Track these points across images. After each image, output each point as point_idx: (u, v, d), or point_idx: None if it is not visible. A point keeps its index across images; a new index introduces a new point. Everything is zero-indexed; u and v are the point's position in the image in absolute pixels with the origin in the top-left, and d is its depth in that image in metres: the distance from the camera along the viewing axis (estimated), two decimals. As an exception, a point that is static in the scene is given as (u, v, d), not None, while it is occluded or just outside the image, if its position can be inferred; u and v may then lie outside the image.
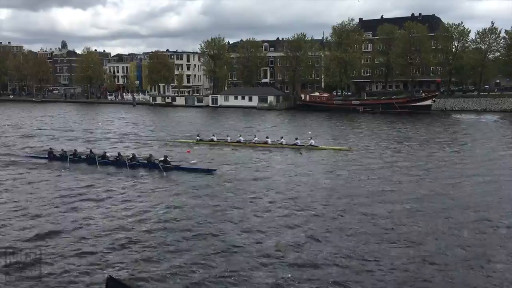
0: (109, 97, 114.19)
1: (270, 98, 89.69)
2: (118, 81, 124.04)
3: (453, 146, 37.39)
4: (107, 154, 30.03)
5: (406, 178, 25.10)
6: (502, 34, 79.89)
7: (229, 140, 38.33)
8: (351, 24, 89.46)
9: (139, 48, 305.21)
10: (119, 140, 42.37)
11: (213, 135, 39.91)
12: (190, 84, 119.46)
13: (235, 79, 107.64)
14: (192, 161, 29.30)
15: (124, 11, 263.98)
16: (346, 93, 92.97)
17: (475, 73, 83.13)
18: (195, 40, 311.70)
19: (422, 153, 33.94)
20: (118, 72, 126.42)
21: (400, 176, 25.60)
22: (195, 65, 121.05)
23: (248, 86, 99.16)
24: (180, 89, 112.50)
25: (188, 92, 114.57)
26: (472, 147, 37.15)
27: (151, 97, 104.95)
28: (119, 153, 29.80)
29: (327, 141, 40.21)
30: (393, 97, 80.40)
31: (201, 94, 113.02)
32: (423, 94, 78.90)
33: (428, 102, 75.07)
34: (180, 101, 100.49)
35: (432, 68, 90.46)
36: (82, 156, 30.43)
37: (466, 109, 77.28)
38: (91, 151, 30.82)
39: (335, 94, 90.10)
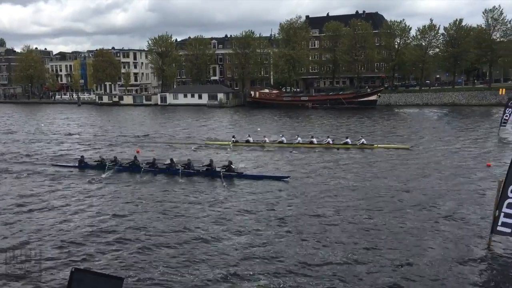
0: (57, 97, 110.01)
1: (220, 96, 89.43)
2: (61, 80, 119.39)
3: (400, 138, 38.77)
4: (157, 161, 26.56)
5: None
6: (441, 31, 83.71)
7: (267, 141, 35.89)
8: (298, 22, 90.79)
9: (84, 46, 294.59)
10: (64, 141, 40.80)
11: (249, 136, 37.33)
12: (138, 82, 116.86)
13: (184, 77, 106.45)
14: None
15: (67, 8, 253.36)
16: (295, 90, 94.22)
17: (416, 68, 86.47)
18: (142, 38, 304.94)
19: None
20: (61, 71, 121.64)
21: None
22: (142, 63, 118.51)
23: (197, 84, 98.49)
24: (127, 88, 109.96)
25: (136, 90, 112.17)
26: (417, 139, 38.61)
27: (97, 96, 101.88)
28: (171, 160, 26.08)
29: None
30: (340, 92, 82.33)
31: (149, 92, 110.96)
32: (368, 90, 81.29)
33: (374, 97, 77.42)
34: (128, 100, 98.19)
35: (377, 64, 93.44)
36: (124, 164, 26.90)
37: (409, 103, 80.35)
38: (135, 157, 27.27)
39: (284, 90, 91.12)
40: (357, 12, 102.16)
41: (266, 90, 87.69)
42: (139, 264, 13.39)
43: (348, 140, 34.52)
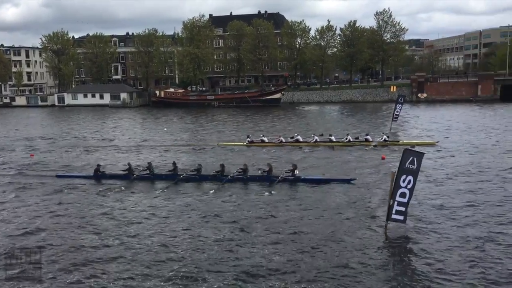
0: None
1: (123, 95, 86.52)
2: None
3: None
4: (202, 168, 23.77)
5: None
6: (338, 31, 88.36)
7: (283, 141, 34.58)
8: (202, 20, 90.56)
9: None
10: None
11: (263, 136, 36.02)
12: (32, 82, 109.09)
13: (83, 76, 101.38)
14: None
15: None
16: (200, 89, 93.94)
17: (317, 67, 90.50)
18: (36, 35, 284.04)
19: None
20: None
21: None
22: (36, 61, 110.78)
23: (98, 84, 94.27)
24: (20, 88, 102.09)
25: (30, 91, 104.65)
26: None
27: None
28: (222, 165, 23.36)
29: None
30: (246, 91, 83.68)
31: (45, 92, 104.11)
32: (272, 88, 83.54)
33: (278, 95, 79.70)
34: (21, 101, 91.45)
35: (280, 63, 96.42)
36: (166, 171, 24.07)
37: (311, 101, 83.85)
38: (174, 163, 24.20)
39: (190, 89, 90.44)
40: (259, 12, 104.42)
41: (172, 90, 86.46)
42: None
43: (368, 137, 34.23)
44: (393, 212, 14.86)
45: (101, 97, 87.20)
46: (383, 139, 33.61)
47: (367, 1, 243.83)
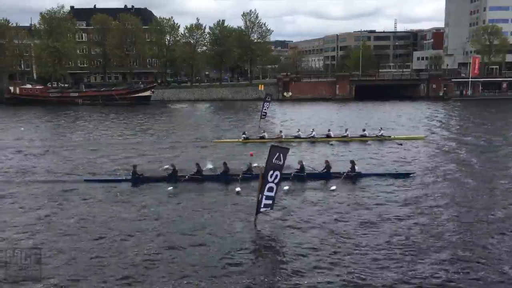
0: None
1: (-30, 92, 76.87)
2: None
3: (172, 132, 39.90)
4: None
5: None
6: (208, 30, 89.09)
7: (283, 137, 34.08)
8: (61, 12, 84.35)
9: None
10: None
11: (264, 132, 35.66)
12: None
13: None
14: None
15: None
16: (62, 85, 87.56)
17: (187, 65, 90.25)
18: None
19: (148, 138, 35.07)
20: None
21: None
22: None
23: None
24: None
25: None
26: (191, 132, 40.33)
27: None
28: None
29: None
30: (113, 88, 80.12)
31: None
32: (142, 86, 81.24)
33: (148, 93, 77.69)
34: None
35: (149, 60, 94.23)
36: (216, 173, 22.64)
37: (182, 99, 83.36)
38: (225, 164, 22.48)
39: (50, 86, 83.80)
40: (125, 6, 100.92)
41: (29, 86, 79.17)
42: None
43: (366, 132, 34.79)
44: (262, 205, 15.48)
45: None
46: (381, 133, 34.72)
47: (236, 1, 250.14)
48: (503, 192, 20.23)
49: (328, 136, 34.51)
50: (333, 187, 20.30)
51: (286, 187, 20.08)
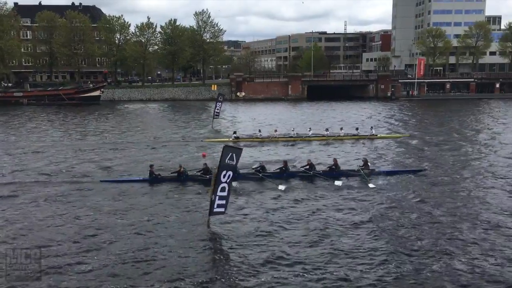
0: None
1: None
2: None
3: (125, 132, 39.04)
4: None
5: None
6: (159, 29, 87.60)
7: (277, 136, 34.49)
8: (4, 8, 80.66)
9: None
10: None
11: (259, 130, 35.59)
12: None
13: None
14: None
15: None
16: (6, 85, 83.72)
17: (138, 64, 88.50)
18: None
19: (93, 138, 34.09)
20: None
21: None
22: None
23: None
24: None
25: None
26: (142, 132, 39.59)
27: None
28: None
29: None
30: (60, 88, 77.38)
31: None
32: (91, 85, 78.95)
33: (97, 93, 75.53)
34: None
35: (98, 59, 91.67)
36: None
37: (133, 99, 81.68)
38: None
39: (-8, 85, 79.94)
40: (73, 3, 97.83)
41: (-32, 85, 75.18)
42: None
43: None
44: (215, 206, 15.39)
45: None
46: (372, 133, 35.63)
47: (188, 0, 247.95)
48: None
49: (323, 135, 35.19)
50: (339, 183, 21.02)
51: (282, 187, 20.35)
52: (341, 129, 35.85)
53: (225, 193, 15.42)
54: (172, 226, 15.96)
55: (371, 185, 20.73)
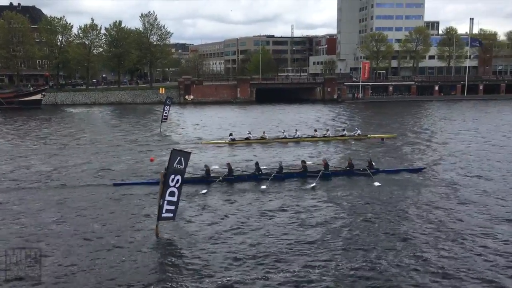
0: None
1: None
2: None
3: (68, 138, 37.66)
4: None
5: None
6: (104, 31, 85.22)
7: (267, 137, 35.37)
8: None
9: None
10: None
11: (249, 133, 35.70)
12: None
13: None
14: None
15: None
16: None
17: (82, 67, 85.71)
18: None
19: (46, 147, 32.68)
20: None
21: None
22: None
23: None
24: None
25: None
26: (87, 137, 38.34)
27: None
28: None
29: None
30: (-3, 92, 73.68)
31: None
32: (31, 89, 75.81)
33: (38, 96, 72.51)
34: None
35: (39, 62, 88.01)
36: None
37: (77, 102, 78.95)
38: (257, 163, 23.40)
39: None
40: (11, 4, 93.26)
41: None
42: None
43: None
44: (163, 211, 15.10)
45: None
46: (358, 133, 36.57)
47: (133, 2, 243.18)
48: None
49: (313, 136, 36.12)
50: (377, 184, 21.32)
51: (263, 187, 20.89)
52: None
53: (174, 198, 15.15)
54: (122, 231, 15.56)
55: (376, 184, 21.36)
